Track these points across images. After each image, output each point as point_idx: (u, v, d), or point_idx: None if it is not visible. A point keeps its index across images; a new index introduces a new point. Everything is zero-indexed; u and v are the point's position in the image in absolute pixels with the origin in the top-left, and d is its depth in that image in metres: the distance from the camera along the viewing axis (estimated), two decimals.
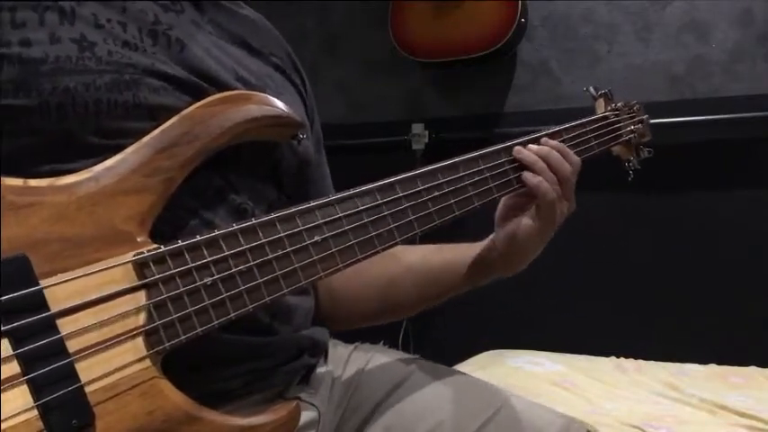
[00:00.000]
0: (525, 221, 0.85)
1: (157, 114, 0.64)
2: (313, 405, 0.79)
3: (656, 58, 2.13)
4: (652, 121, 1.15)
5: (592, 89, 1.11)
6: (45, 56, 0.62)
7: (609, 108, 1.08)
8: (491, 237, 0.89)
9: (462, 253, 0.91)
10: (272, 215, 0.65)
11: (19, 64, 0.61)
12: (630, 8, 2.15)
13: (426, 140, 2.36)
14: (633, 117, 1.11)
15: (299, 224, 0.66)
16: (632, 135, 1.09)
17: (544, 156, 0.85)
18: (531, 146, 0.87)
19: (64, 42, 0.63)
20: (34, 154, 0.61)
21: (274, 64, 0.84)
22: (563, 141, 0.90)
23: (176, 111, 0.65)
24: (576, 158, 0.88)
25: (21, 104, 0.60)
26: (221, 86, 0.71)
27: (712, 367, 1.83)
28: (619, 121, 1.07)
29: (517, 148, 0.86)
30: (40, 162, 0.61)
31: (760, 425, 1.41)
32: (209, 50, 0.74)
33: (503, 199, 0.87)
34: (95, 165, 0.60)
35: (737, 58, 2.04)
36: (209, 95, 0.67)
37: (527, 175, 0.84)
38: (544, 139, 0.88)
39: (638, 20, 2.15)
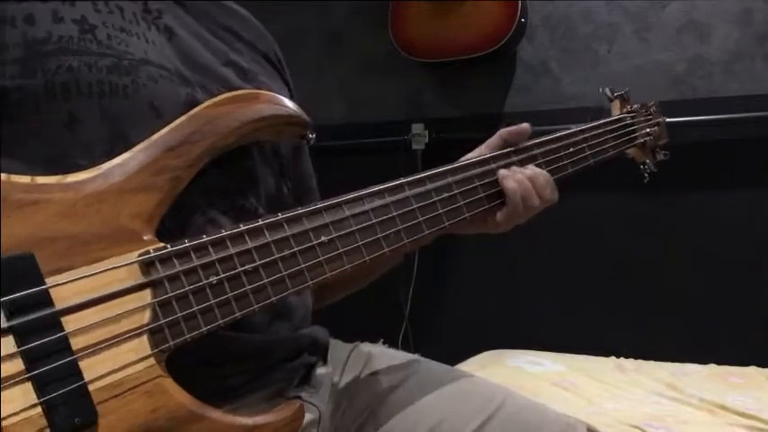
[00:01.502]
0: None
1: (156, 101, 0.65)
2: (314, 405, 0.79)
3: (656, 58, 2.13)
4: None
5: (608, 90, 1.09)
6: (48, 35, 0.62)
7: (625, 110, 1.07)
8: None
9: None
10: (280, 216, 0.65)
11: (24, 44, 0.61)
12: (630, 8, 2.15)
13: (426, 140, 2.36)
14: (650, 119, 1.10)
15: (306, 225, 0.66)
16: (648, 138, 1.08)
17: (530, 177, 0.84)
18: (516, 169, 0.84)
19: (66, 22, 0.63)
20: (39, 137, 0.61)
21: (263, 53, 0.84)
22: (582, 141, 0.91)
23: (174, 98, 0.65)
24: (551, 197, 0.86)
25: (26, 84, 0.60)
26: (212, 73, 0.72)
27: (712, 367, 1.82)
28: (634, 124, 1.06)
29: (502, 171, 0.84)
30: (45, 145, 0.61)
31: (760, 425, 1.40)
32: (198, 35, 0.74)
33: None
34: (98, 149, 0.60)
35: (737, 58, 2.04)
36: (203, 84, 0.68)
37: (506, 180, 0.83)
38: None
39: (638, 20, 2.15)
